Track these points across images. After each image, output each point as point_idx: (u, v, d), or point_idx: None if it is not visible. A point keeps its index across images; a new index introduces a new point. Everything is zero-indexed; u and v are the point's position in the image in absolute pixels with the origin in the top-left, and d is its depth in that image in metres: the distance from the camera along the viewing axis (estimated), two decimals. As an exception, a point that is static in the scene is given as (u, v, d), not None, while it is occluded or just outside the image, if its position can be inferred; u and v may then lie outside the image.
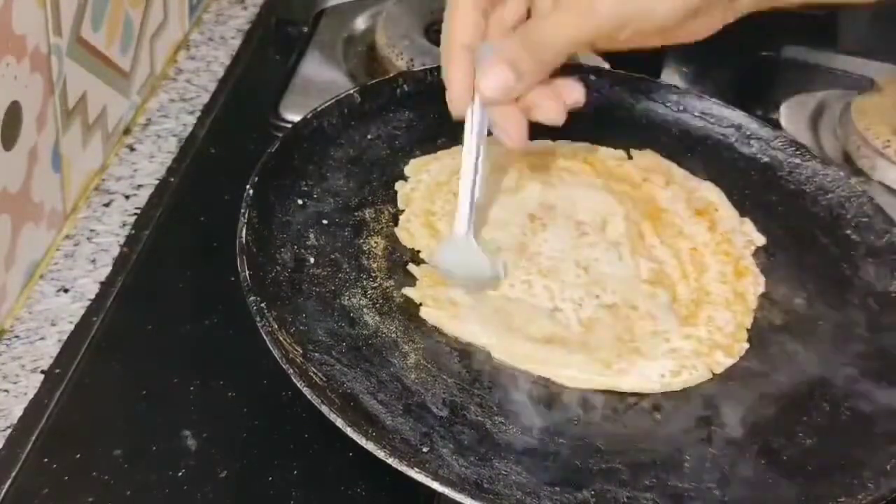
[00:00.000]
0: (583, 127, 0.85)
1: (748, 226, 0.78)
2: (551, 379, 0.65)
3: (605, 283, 0.71)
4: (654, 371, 0.66)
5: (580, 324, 0.68)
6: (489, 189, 0.77)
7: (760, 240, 0.77)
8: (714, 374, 0.67)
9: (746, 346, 0.69)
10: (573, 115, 0.85)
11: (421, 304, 0.69)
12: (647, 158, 0.82)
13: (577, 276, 0.71)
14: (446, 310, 0.68)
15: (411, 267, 0.71)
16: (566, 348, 0.66)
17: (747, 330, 0.70)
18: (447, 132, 0.83)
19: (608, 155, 0.82)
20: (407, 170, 0.79)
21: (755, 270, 0.75)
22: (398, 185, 0.77)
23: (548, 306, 0.69)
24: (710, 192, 0.80)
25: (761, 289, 0.73)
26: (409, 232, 0.74)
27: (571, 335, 0.67)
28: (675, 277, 0.73)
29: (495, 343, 0.67)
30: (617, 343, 0.67)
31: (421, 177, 0.78)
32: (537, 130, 0.84)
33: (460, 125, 0.84)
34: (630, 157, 0.83)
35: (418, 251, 0.73)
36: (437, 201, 0.76)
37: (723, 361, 0.68)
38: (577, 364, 0.66)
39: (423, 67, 0.87)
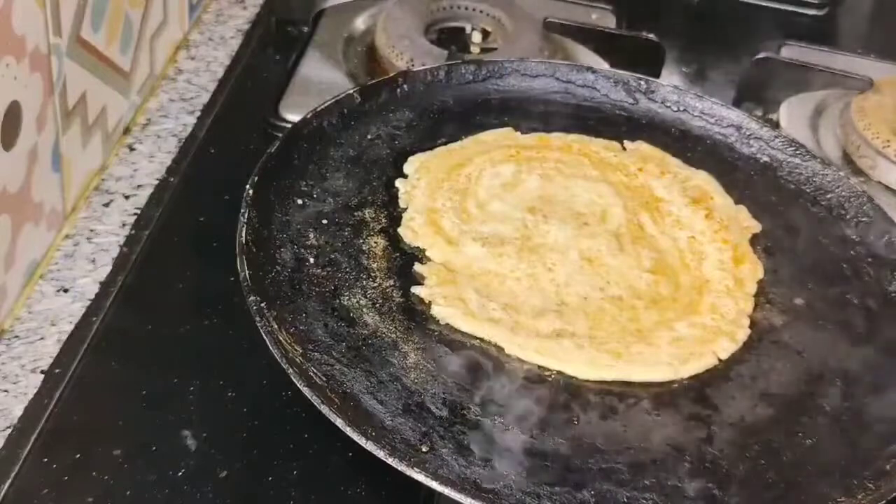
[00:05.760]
0: (583, 127, 0.85)
1: (743, 213, 0.78)
2: (564, 372, 0.66)
3: (609, 274, 0.71)
4: (662, 360, 0.67)
5: (587, 317, 0.69)
6: (488, 184, 0.78)
7: (756, 226, 0.77)
8: (720, 360, 0.68)
9: (749, 331, 0.70)
10: (573, 115, 0.86)
11: (430, 303, 0.69)
12: (640, 149, 0.83)
13: (582, 268, 0.72)
14: (457, 307, 0.68)
15: (417, 266, 0.71)
16: (575, 342, 0.67)
17: (749, 315, 0.71)
18: (447, 132, 0.83)
19: (602, 146, 0.83)
20: (406, 167, 0.79)
21: (753, 256, 0.75)
22: (398, 183, 0.78)
23: (554, 301, 0.69)
24: (704, 181, 0.81)
25: (760, 274, 0.74)
26: (413, 230, 0.74)
27: (579, 329, 0.68)
28: (675, 266, 0.73)
29: (507, 339, 0.67)
30: (624, 334, 0.68)
31: (421, 174, 0.78)
32: (533, 125, 0.84)
33: (460, 125, 0.85)
34: (624, 149, 0.83)
35: (423, 249, 0.73)
36: (439, 199, 0.76)
37: (727, 347, 0.68)
38: (587, 357, 0.66)
39: (423, 67, 0.87)
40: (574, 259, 0.72)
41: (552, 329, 0.68)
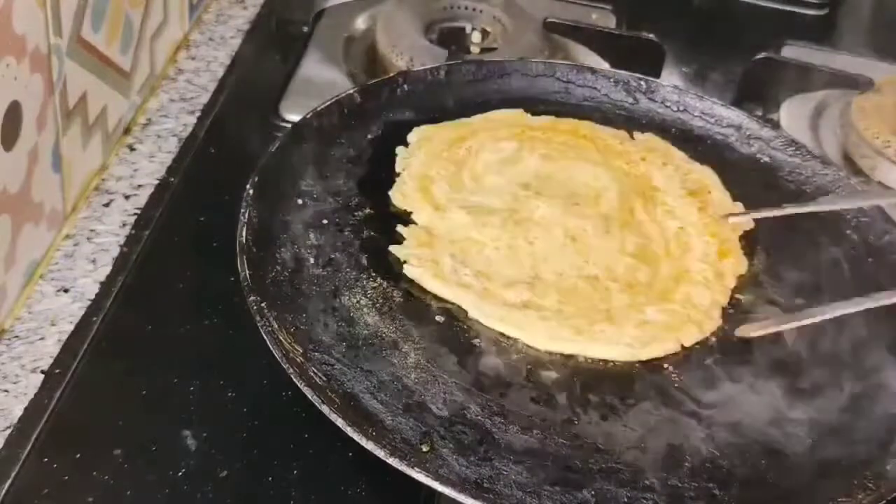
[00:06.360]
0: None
1: (739, 209, 0.78)
2: (521, 340, 0.67)
3: (590, 254, 0.72)
4: (622, 339, 0.67)
5: (558, 292, 0.69)
6: (488, 158, 0.78)
7: (749, 223, 0.77)
8: (683, 347, 0.68)
9: (719, 322, 0.70)
10: (573, 115, 0.86)
11: (405, 262, 0.70)
12: (648, 140, 0.83)
13: (564, 245, 0.72)
14: (427, 268, 0.69)
15: (400, 228, 0.72)
16: (541, 314, 0.67)
17: (723, 308, 0.71)
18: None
19: (610, 134, 0.83)
20: (409, 136, 0.79)
21: (739, 252, 0.75)
22: (398, 150, 0.78)
23: (528, 273, 0.70)
24: (705, 175, 0.81)
25: (742, 270, 0.74)
26: (403, 193, 0.75)
27: (547, 302, 0.68)
28: (659, 254, 0.74)
29: (473, 304, 0.68)
30: (592, 312, 0.68)
31: (422, 144, 0.79)
32: (542, 109, 0.83)
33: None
34: (632, 138, 0.83)
35: (409, 213, 0.73)
36: (435, 167, 0.77)
37: (693, 335, 0.68)
38: (548, 329, 0.67)
39: (423, 67, 0.87)
40: (557, 236, 0.73)
41: (520, 300, 0.68)
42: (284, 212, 0.73)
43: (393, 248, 0.71)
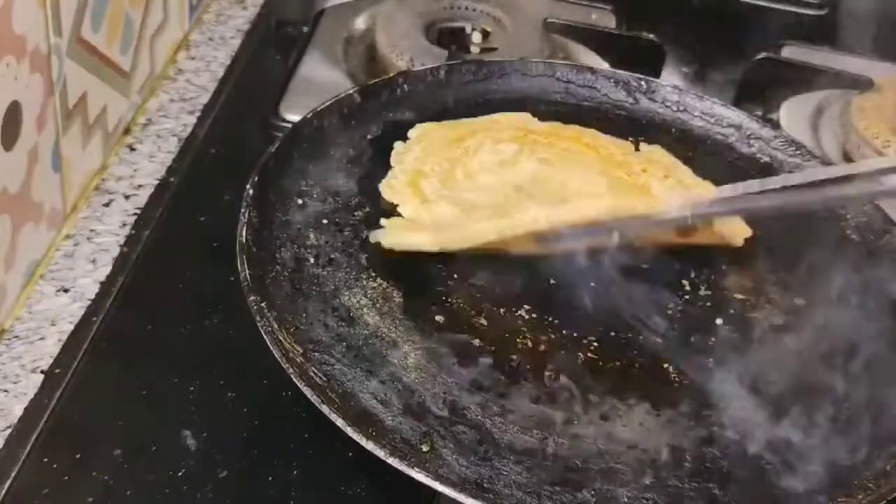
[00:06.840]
0: (584, 126, 0.85)
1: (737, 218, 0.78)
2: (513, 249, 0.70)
3: None
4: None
5: None
6: (485, 158, 0.78)
7: (746, 231, 0.77)
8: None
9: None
10: (573, 115, 0.86)
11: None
12: (653, 154, 0.83)
13: None
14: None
15: (383, 221, 0.72)
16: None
17: None
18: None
19: (611, 142, 0.82)
20: (410, 132, 0.79)
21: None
22: (396, 144, 0.78)
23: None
24: (707, 189, 0.80)
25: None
26: (393, 187, 0.75)
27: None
28: None
29: (455, 234, 0.71)
30: None
31: (420, 140, 0.79)
32: (542, 110, 0.84)
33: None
34: (637, 149, 0.83)
35: (396, 205, 0.73)
36: (429, 163, 0.77)
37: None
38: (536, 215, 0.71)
39: (423, 67, 0.87)
40: None
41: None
42: (284, 212, 0.73)
43: (373, 234, 0.72)
